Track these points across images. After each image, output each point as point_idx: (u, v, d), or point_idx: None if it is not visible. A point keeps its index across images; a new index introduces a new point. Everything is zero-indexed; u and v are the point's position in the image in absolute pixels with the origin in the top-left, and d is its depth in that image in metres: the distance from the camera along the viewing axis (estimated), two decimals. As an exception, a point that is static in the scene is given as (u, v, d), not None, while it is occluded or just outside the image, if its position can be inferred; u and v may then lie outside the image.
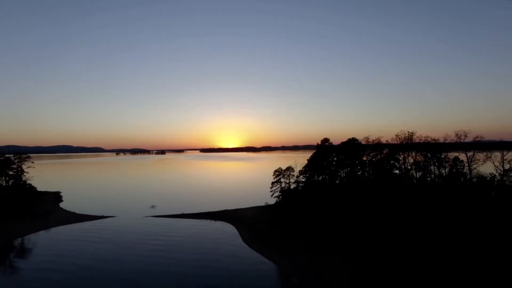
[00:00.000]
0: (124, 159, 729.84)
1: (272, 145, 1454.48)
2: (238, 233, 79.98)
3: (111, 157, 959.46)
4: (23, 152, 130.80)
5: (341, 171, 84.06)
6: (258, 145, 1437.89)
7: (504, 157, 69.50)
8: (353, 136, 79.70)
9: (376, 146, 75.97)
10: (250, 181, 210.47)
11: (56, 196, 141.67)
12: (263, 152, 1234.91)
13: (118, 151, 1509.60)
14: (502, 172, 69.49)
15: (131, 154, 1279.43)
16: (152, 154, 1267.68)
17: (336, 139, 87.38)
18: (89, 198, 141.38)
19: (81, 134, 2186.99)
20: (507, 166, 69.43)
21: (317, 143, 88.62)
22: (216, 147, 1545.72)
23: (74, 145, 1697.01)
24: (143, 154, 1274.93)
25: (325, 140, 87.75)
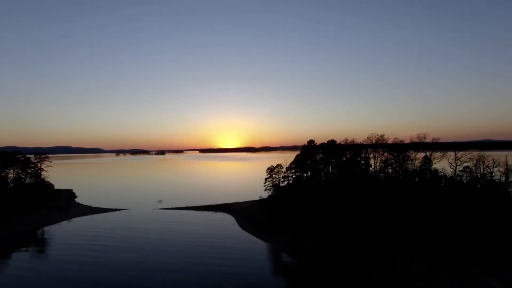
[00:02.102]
0: (125, 160, 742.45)
1: (271, 145, 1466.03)
2: (235, 221, 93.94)
3: (112, 157, 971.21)
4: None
5: (324, 168, 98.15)
6: (257, 145, 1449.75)
7: (457, 156, 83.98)
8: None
9: (351, 147, 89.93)
10: (247, 179, 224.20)
11: (70, 193, 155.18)
12: (262, 152, 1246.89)
13: (117, 152, 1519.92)
14: (455, 169, 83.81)
15: (131, 154, 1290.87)
16: (152, 154, 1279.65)
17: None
18: (100, 195, 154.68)
19: (80, 135, 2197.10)
20: (458, 163, 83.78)
21: (304, 144, 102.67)
22: (215, 147, 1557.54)
23: (74, 145, 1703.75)
24: (143, 154, 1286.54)
25: (311, 141, 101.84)
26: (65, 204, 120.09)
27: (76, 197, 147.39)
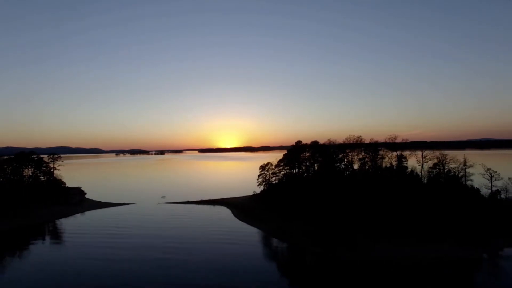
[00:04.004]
0: (125, 160, 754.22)
1: (270, 145, 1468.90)
2: (231, 212, 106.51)
3: (112, 157, 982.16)
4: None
5: (311, 165, 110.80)
6: (256, 145, 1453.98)
7: (423, 154, 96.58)
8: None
9: (333, 146, 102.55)
10: (243, 176, 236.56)
11: (79, 190, 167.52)
12: (261, 152, 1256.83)
13: (117, 152, 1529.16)
14: (422, 165, 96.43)
15: (131, 154, 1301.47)
16: (152, 154, 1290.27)
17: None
18: (106, 192, 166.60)
19: (79, 135, 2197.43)
20: (425, 160, 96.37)
21: (292, 144, 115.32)
22: (214, 147, 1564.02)
23: (73, 146, 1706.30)
24: (142, 154, 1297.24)
25: (299, 142, 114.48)
26: (77, 199, 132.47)
27: (86, 193, 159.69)
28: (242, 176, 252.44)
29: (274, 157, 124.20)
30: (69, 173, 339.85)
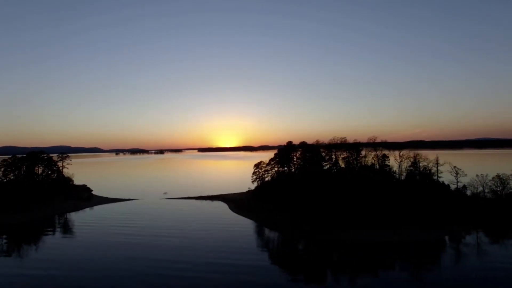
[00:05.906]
0: (125, 159, 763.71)
1: (270, 144, 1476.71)
2: (227, 206, 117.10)
3: (111, 157, 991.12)
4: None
5: (302, 164, 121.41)
6: (255, 144, 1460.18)
7: (400, 154, 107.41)
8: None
9: (321, 146, 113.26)
10: (240, 175, 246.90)
11: (86, 187, 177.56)
12: (260, 151, 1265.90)
13: (116, 151, 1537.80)
14: (399, 164, 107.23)
15: (130, 154, 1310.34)
16: (151, 153, 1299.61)
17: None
18: (111, 189, 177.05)
19: (79, 135, 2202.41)
20: (401, 159, 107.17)
21: (284, 144, 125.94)
22: (214, 146, 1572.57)
23: (72, 145, 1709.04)
24: (142, 154, 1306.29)
25: (289, 142, 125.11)
26: (86, 195, 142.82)
27: (92, 190, 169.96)
28: (240, 174, 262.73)
29: (272, 157, 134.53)
30: (71, 171, 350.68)
